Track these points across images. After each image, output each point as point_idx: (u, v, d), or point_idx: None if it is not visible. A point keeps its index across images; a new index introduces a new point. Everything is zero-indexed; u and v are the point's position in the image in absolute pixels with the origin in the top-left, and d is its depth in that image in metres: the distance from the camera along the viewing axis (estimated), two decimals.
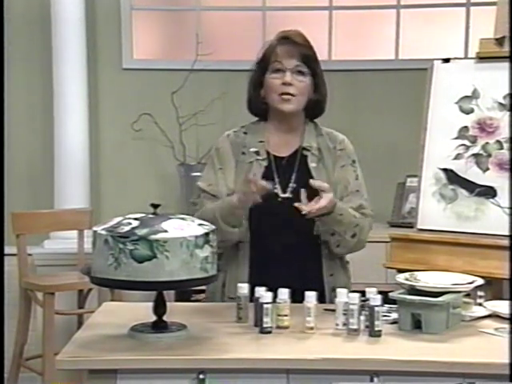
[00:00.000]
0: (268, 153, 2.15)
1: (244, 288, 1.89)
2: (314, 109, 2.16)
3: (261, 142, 2.16)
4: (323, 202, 1.96)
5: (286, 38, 2.11)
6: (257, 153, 2.14)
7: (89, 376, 1.67)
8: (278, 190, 2.09)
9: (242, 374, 1.66)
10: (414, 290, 1.85)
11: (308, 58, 2.11)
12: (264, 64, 2.12)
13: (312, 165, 2.13)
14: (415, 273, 1.93)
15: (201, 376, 1.64)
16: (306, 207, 1.95)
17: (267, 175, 2.09)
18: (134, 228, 1.68)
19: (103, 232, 1.69)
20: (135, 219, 1.71)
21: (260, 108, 2.17)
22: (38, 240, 3.76)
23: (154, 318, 1.80)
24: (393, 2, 4.18)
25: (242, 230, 2.07)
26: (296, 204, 1.97)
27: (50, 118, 3.86)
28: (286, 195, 2.08)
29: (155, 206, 1.77)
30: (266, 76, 2.12)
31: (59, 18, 3.75)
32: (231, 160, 2.15)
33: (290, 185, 2.10)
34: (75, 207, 3.67)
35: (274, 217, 2.07)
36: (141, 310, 1.91)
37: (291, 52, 2.09)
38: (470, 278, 1.91)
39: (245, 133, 2.19)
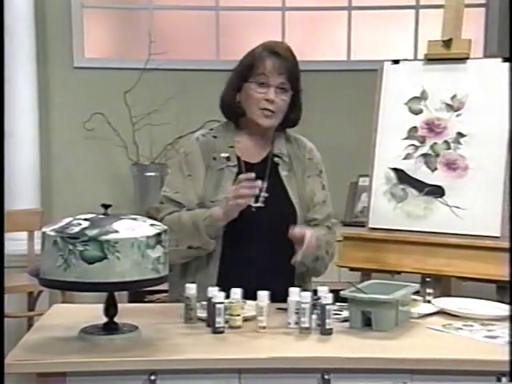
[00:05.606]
0: (238, 159, 2.12)
1: (192, 288, 1.88)
2: (289, 125, 2.17)
3: (231, 147, 2.13)
4: (310, 239, 1.99)
5: (276, 53, 2.07)
6: (227, 158, 2.11)
7: (37, 379, 1.65)
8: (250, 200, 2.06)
9: (193, 375, 1.66)
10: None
11: (294, 75, 2.09)
12: (248, 72, 2.08)
13: (283, 173, 2.14)
14: None
15: (152, 377, 1.64)
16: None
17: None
18: (84, 229, 1.66)
19: (52, 233, 1.67)
20: (85, 220, 1.69)
21: (233, 112, 2.13)
22: None
23: (105, 319, 1.78)
24: (344, 3, 4.23)
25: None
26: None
27: None
28: (259, 205, 2.05)
29: (106, 207, 1.75)
30: (247, 84, 2.08)
31: (7, 15, 3.67)
32: (201, 166, 2.10)
33: (262, 194, 2.06)
34: (25, 208, 3.61)
35: (246, 227, 2.04)
36: (91, 311, 1.89)
37: (280, 68, 2.06)
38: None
39: (214, 136, 2.15)
